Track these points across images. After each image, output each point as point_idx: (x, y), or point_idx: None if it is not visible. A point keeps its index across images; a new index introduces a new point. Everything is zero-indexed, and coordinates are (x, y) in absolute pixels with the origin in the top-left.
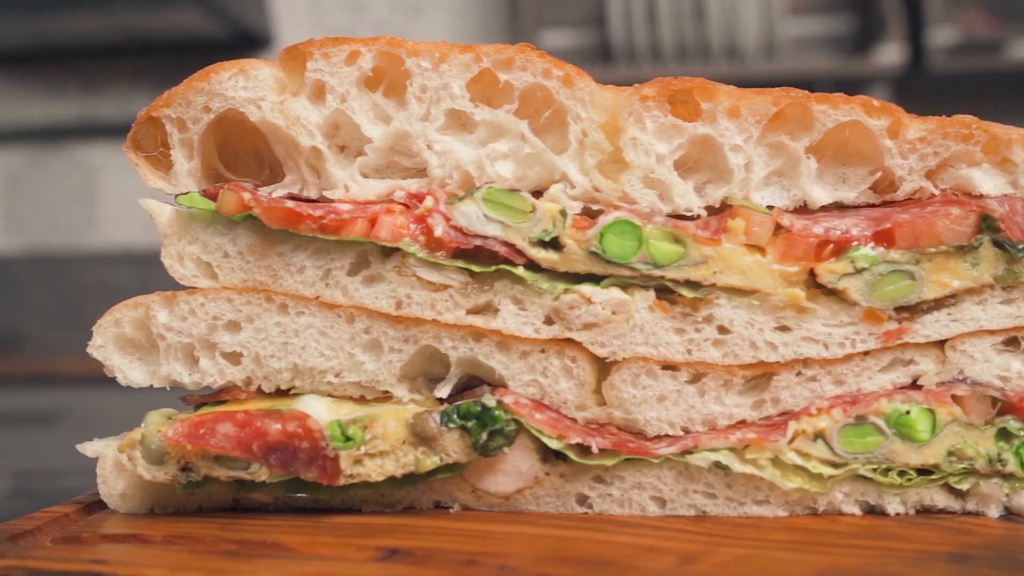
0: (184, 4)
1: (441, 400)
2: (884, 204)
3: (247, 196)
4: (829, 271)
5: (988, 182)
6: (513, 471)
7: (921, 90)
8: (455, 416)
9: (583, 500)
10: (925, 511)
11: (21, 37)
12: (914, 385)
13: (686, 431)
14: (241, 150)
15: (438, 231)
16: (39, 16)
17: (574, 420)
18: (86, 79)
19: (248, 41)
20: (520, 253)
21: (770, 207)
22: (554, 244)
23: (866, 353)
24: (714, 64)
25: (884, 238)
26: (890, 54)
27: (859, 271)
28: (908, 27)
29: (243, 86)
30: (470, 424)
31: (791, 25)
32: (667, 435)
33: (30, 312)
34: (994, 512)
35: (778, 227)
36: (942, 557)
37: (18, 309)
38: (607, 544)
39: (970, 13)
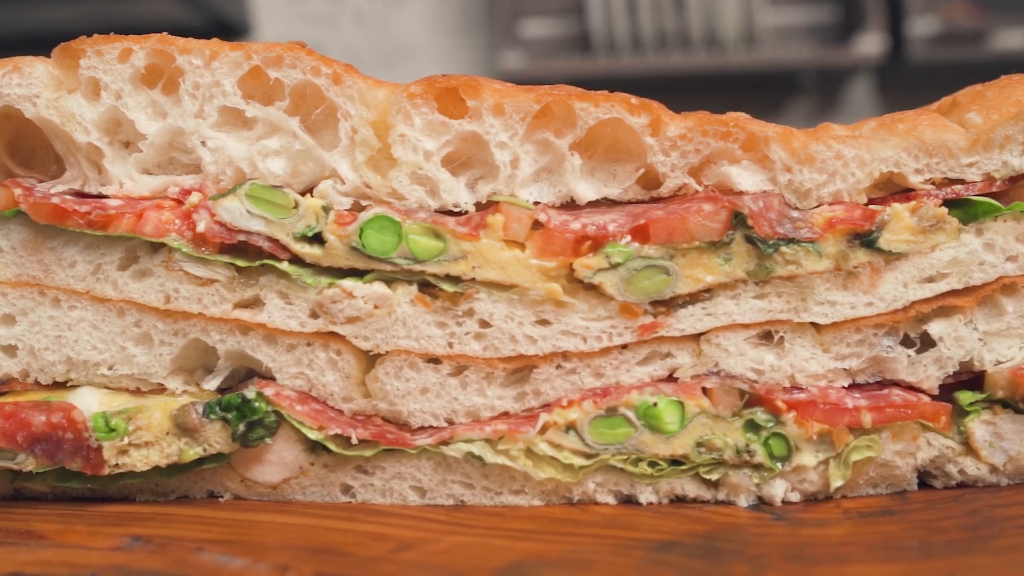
0: None
1: (221, 392)
2: (652, 201)
3: (18, 192)
4: (585, 266)
5: (747, 179)
6: (278, 461)
7: (902, 80)
8: (217, 408)
9: (347, 490)
10: (679, 500)
11: None
12: (672, 378)
13: (450, 422)
14: (36, 145)
15: (201, 226)
16: (13, 5)
17: (341, 412)
18: None
19: (225, 30)
20: (285, 248)
21: (537, 203)
22: (318, 239)
23: (624, 346)
24: (694, 54)
25: (640, 234)
26: (871, 44)
27: (614, 266)
28: (889, 17)
29: (17, 83)
30: (230, 416)
31: (771, 15)
32: (431, 426)
33: None
34: (744, 501)
35: (537, 223)
36: (650, 545)
37: None
38: (343, 532)
39: (952, 3)
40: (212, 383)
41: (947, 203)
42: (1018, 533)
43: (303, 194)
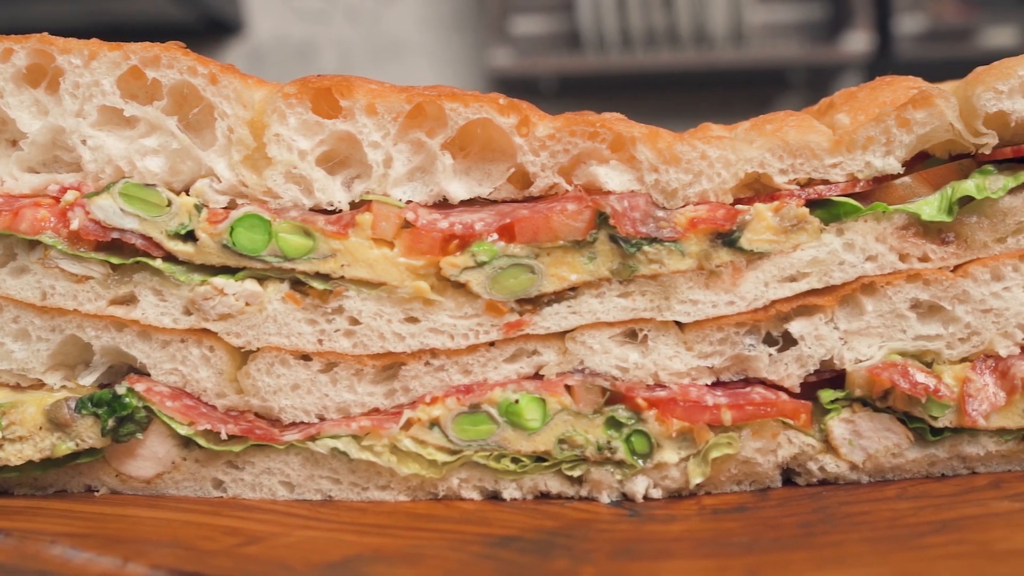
0: None
1: (102, 388)
2: (525, 200)
3: None
4: (451, 264)
5: (615, 179)
6: (151, 456)
7: None
8: (88, 403)
9: (219, 484)
10: (544, 496)
11: None
12: (539, 375)
13: (321, 419)
14: None
15: (75, 224)
16: (12, 4)
17: (214, 407)
18: None
19: (218, 27)
20: (158, 246)
21: (410, 202)
22: (191, 237)
23: (492, 344)
24: (683, 51)
25: (506, 232)
26: (858, 42)
27: (480, 264)
28: (877, 14)
29: None
30: (101, 411)
31: (759, 12)
32: (302, 422)
33: None
34: (606, 498)
35: (406, 222)
36: (491, 541)
37: None
38: (199, 526)
39: (940, 1)
40: (88, 379)
41: (811, 203)
42: (849, 530)
43: (180, 193)
